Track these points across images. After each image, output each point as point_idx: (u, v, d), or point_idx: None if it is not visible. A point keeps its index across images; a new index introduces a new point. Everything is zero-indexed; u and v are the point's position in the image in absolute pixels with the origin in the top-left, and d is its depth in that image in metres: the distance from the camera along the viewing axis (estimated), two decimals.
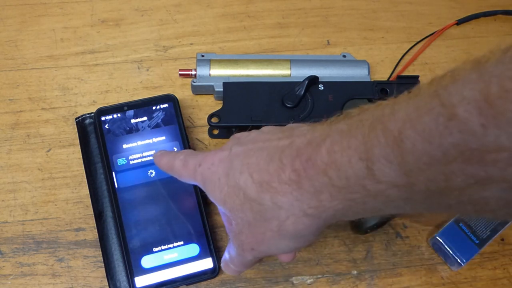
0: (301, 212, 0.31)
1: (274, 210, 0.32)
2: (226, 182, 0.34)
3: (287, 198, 0.31)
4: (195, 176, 0.37)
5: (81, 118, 0.52)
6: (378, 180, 0.27)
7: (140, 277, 0.44)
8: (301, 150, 0.31)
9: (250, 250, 0.35)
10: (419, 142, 0.24)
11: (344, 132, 0.29)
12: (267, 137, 0.35)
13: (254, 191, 0.32)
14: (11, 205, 0.50)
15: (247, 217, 0.34)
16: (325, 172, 0.29)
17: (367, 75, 0.56)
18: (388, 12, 0.63)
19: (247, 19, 0.62)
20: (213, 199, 0.36)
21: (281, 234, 0.33)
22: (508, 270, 0.49)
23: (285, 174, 0.31)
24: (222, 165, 0.35)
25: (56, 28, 0.60)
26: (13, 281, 0.47)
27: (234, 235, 0.36)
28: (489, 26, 0.63)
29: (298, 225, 0.32)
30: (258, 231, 0.34)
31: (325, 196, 0.30)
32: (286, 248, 0.34)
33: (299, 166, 0.30)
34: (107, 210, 0.48)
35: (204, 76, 0.55)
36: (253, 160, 0.33)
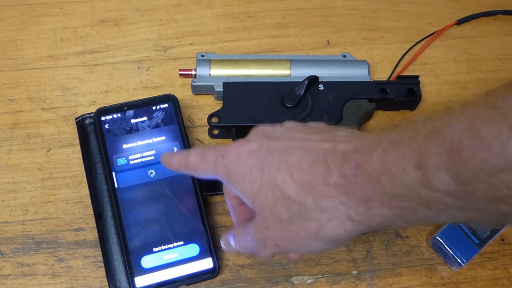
0: (346, 217, 0.32)
1: (315, 212, 0.32)
2: (259, 176, 0.34)
3: (332, 202, 0.32)
4: (217, 168, 0.37)
5: (81, 118, 0.52)
6: (434, 189, 0.27)
7: (140, 277, 0.44)
8: (348, 156, 0.31)
9: (273, 245, 0.36)
10: (480, 152, 0.25)
11: (397, 142, 0.29)
12: (301, 135, 0.35)
13: (294, 191, 0.33)
14: (11, 205, 0.50)
15: (279, 214, 0.34)
16: (378, 180, 0.29)
17: (367, 75, 0.56)
18: (388, 12, 0.63)
19: (247, 19, 0.62)
20: (240, 191, 0.36)
21: (318, 235, 0.33)
22: (508, 270, 0.49)
23: (331, 178, 0.31)
24: (252, 157, 0.35)
25: (56, 28, 0.60)
26: (13, 281, 0.47)
27: (257, 228, 0.36)
28: (489, 26, 0.63)
29: (339, 229, 0.32)
30: (290, 229, 0.34)
31: (375, 203, 0.30)
32: (316, 249, 0.35)
33: (348, 172, 0.31)
34: (107, 210, 0.48)
35: (204, 76, 0.55)
36: (292, 159, 0.33)
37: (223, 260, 0.48)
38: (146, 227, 0.46)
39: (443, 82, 0.59)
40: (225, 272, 0.48)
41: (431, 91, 0.58)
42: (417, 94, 0.54)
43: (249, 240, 0.38)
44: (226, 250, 0.41)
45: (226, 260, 0.48)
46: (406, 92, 0.54)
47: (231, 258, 0.48)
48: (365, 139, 0.32)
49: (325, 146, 0.33)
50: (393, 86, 0.54)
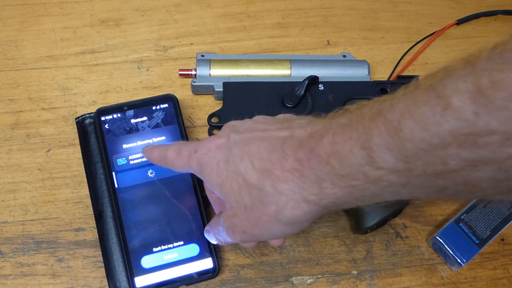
0: (302, 198, 0.33)
1: (274, 196, 0.34)
2: (225, 168, 0.36)
3: (288, 185, 0.33)
4: (190, 163, 0.39)
5: (81, 118, 0.52)
6: (378, 167, 0.29)
7: (140, 277, 0.44)
8: (303, 142, 0.33)
9: (241, 232, 0.37)
10: (417, 131, 0.27)
11: (346, 125, 0.31)
12: (264, 127, 0.37)
13: (255, 177, 0.35)
14: (11, 205, 0.50)
15: (243, 201, 0.36)
16: (328, 162, 0.31)
17: (367, 75, 0.56)
18: (388, 12, 0.63)
19: (247, 19, 0.62)
20: (209, 183, 0.38)
21: (278, 219, 0.35)
22: (508, 270, 0.49)
23: (287, 163, 0.33)
24: (220, 151, 0.37)
25: (56, 28, 0.60)
26: (13, 281, 0.47)
27: (226, 217, 0.38)
28: (489, 26, 0.63)
29: (296, 210, 0.34)
30: (253, 215, 0.36)
31: (327, 183, 0.32)
32: (279, 233, 0.36)
33: (302, 156, 0.33)
34: (107, 210, 0.48)
35: (204, 76, 0.55)
36: (253, 148, 0.36)
37: (223, 260, 0.48)
38: (146, 227, 0.46)
39: None
40: (225, 272, 0.48)
41: None
42: None
43: (221, 230, 0.40)
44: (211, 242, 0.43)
45: (226, 260, 0.48)
46: None
47: (231, 258, 0.48)
48: (319, 125, 0.34)
49: (283, 134, 0.35)
50: (393, 86, 0.55)
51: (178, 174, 0.48)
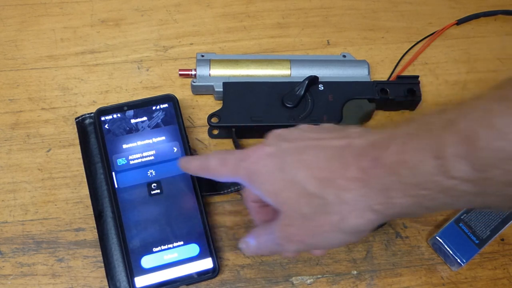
0: (366, 208, 0.33)
1: (336, 205, 0.34)
2: (280, 176, 0.36)
3: (352, 194, 0.33)
4: (238, 172, 0.39)
5: (81, 118, 0.52)
6: (451, 176, 0.29)
7: (140, 277, 0.44)
8: (365, 151, 0.33)
9: (298, 242, 0.37)
10: (495, 140, 0.27)
11: (413, 134, 0.32)
12: (316, 135, 0.37)
13: (315, 186, 0.34)
14: (11, 205, 0.50)
15: (302, 210, 0.35)
16: (395, 171, 0.31)
17: (367, 75, 0.56)
18: (388, 12, 0.63)
19: (247, 19, 0.62)
20: (261, 192, 0.37)
21: (340, 228, 0.34)
22: (508, 270, 0.49)
23: (350, 172, 0.33)
24: (271, 159, 0.37)
25: (56, 28, 0.60)
26: (13, 281, 0.47)
27: (281, 227, 0.37)
28: (489, 26, 0.63)
29: (360, 220, 0.34)
30: (313, 224, 0.35)
31: (394, 193, 0.32)
32: (337, 242, 0.36)
33: (366, 165, 0.33)
34: (107, 210, 0.48)
35: (204, 76, 0.55)
36: (309, 157, 0.35)
37: (223, 260, 0.48)
38: (146, 227, 0.46)
39: (443, 82, 0.59)
40: (225, 272, 0.48)
41: (431, 91, 0.58)
42: (417, 94, 0.54)
43: (271, 239, 0.39)
44: (247, 253, 0.42)
45: (226, 260, 0.48)
46: (406, 92, 0.54)
47: (231, 258, 0.48)
48: (380, 134, 0.34)
49: (340, 143, 0.35)
50: (393, 86, 0.54)
51: (178, 174, 0.48)
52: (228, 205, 0.51)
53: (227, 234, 0.49)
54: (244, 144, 0.54)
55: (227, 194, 0.51)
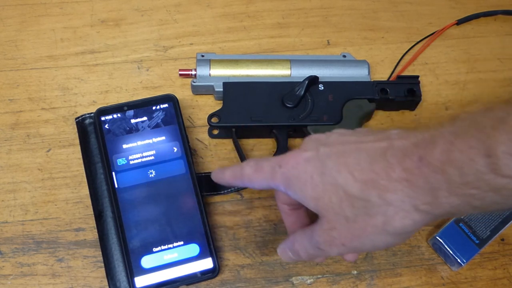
0: (412, 208, 0.33)
1: (381, 206, 0.34)
2: (321, 180, 0.36)
3: (397, 195, 0.33)
4: (275, 178, 0.39)
5: (81, 118, 0.52)
6: (503, 175, 0.29)
7: (140, 277, 0.44)
8: (409, 151, 0.33)
9: (339, 245, 0.36)
10: None
11: (460, 133, 0.31)
12: (354, 139, 0.37)
13: (357, 189, 0.34)
14: (11, 205, 0.50)
15: (345, 213, 0.35)
16: (443, 170, 0.31)
17: (367, 75, 0.56)
18: (388, 12, 0.63)
19: (247, 19, 0.62)
20: (301, 197, 0.37)
21: (385, 229, 0.34)
22: (508, 270, 0.49)
23: (394, 173, 0.33)
24: (311, 164, 0.37)
25: (56, 28, 0.60)
26: (13, 281, 0.47)
27: (323, 231, 0.37)
28: (489, 26, 0.63)
29: (406, 220, 0.33)
30: (356, 226, 0.35)
31: (442, 192, 0.32)
32: (382, 244, 0.36)
33: (411, 165, 0.32)
34: (107, 210, 0.48)
35: (204, 76, 0.55)
36: (350, 160, 0.35)
37: (223, 260, 0.48)
38: (146, 227, 0.46)
39: (443, 82, 0.59)
40: (225, 272, 0.48)
41: (431, 91, 0.58)
42: (417, 94, 0.54)
43: (311, 244, 0.39)
44: (286, 259, 0.42)
45: (226, 260, 0.48)
46: (406, 92, 0.54)
47: (231, 258, 0.48)
48: (423, 134, 0.33)
49: (381, 145, 0.35)
50: (393, 86, 0.54)
51: (178, 174, 0.48)
52: (228, 205, 0.51)
53: (227, 234, 0.49)
54: (244, 144, 0.54)
55: (227, 194, 0.51)
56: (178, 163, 0.48)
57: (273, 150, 0.53)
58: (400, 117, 0.56)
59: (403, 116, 0.56)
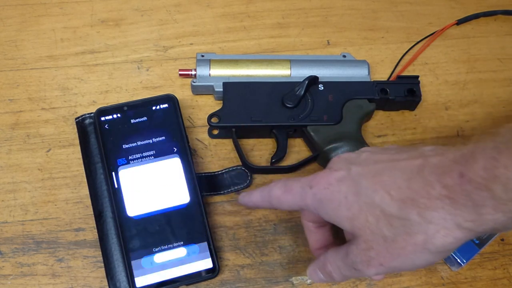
0: (455, 226, 0.32)
1: (421, 225, 0.33)
2: (356, 200, 0.36)
3: (438, 212, 0.32)
4: (305, 199, 0.38)
5: (81, 118, 0.52)
6: None
7: (140, 277, 0.44)
8: (447, 168, 0.32)
9: (377, 265, 0.36)
10: None
11: (502, 149, 0.30)
12: (387, 157, 0.37)
13: (396, 208, 0.34)
14: (11, 205, 0.50)
15: (382, 233, 0.35)
16: (488, 187, 0.30)
17: (367, 75, 0.56)
18: (388, 12, 0.63)
19: (247, 19, 0.62)
20: (334, 218, 0.37)
21: (426, 248, 0.34)
22: (508, 270, 0.49)
23: (434, 190, 0.32)
24: (344, 184, 0.37)
25: (56, 28, 0.60)
26: (13, 281, 0.47)
27: (359, 251, 0.37)
28: (489, 26, 0.63)
29: (448, 238, 0.33)
30: (396, 246, 0.34)
31: (486, 209, 0.31)
32: (422, 263, 0.35)
33: (451, 182, 0.32)
34: (107, 210, 0.48)
35: (204, 76, 0.55)
36: (385, 178, 0.35)
37: (223, 260, 0.48)
38: (146, 227, 0.46)
39: (443, 82, 0.59)
40: (225, 272, 0.48)
41: (431, 91, 0.58)
42: (417, 94, 0.54)
43: (346, 264, 0.38)
44: (315, 281, 0.42)
45: (226, 260, 0.48)
46: (406, 92, 0.54)
47: (231, 258, 0.48)
48: (461, 150, 0.33)
49: (416, 162, 0.34)
50: (393, 86, 0.54)
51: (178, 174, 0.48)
52: (228, 205, 0.51)
53: (227, 234, 0.49)
54: (244, 144, 0.54)
55: (227, 194, 0.51)
56: (178, 163, 0.48)
57: (273, 150, 0.53)
58: (400, 117, 0.56)
59: (403, 116, 0.56)
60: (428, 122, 0.56)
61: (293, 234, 0.50)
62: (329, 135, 0.51)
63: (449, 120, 0.56)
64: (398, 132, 0.55)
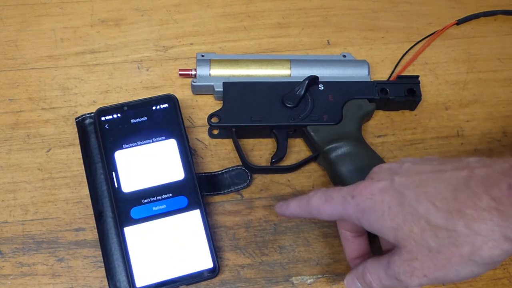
0: (503, 238, 0.32)
1: (468, 236, 0.33)
2: (400, 211, 0.35)
3: (486, 224, 0.32)
4: (347, 209, 0.38)
5: (81, 118, 0.52)
6: None
7: (140, 278, 0.44)
8: (495, 179, 0.32)
9: (421, 276, 0.36)
10: None
11: None
12: (431, 168, 0.36)
13: (442, 219, 0.34)
14: (11, 205, 0.50)
15: (428, 244, 0.35)
16: None
17: (367, 75, 0.56)
18: (388, 12, 0.63)
19: (247, 19, 0.62)
20: (377, 228, 0.37)
21: (472, 259, 0.33)
22: (508, 270, 0.49)
23: (482, 202, 0.32)
24: (388, 194, 0.36)
25: (56, 28, 0.60)
26: (13, 281, 0.47)
27: (402, 262, 0.36)
28: (489, 26, 0.63)
29: (495, 250, 0.33)
30: (441, 257, 0.34)
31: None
32: (468, 274, 0.35)
33: (500, 194, 0.32)
34: (107, 210, 0.48)
35: (204, 76, 0.55)
36: (430, 189, 0.35)
37: (223, 260, 0.48)
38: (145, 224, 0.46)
39: (443, 82, 0.59)
40: (225, 272, 0.48)
41: (431, 91, 0.58)
42: (417, 94, 0.54)
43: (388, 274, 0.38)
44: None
45: (226, 260, 0.48)
46: (406, 92, 0.54)
47: (231, 258, 0.48)
48: (510, 162, 0.33)
49: (462, 174, 0.34)
50: (393, 86, 0.54)
51: (182, 178, 0.48)
52: (228, 205, 0.51)
53: (227, 234, 0.49)
54: (244, 144, 0.54)
55: (227, 194, 0.51)
56: (178, 163, 0.48)
57: (273, 150, 0.53)
58: (400, 117, 0.56)
59: (403, 116, 0.56)
60: (428, 122, 0.56)
61: (293, 234, 0.50)
62: (329, 135, 0.51)
63: (449, 120, 0.56)
64: (398, 132, 0.55)
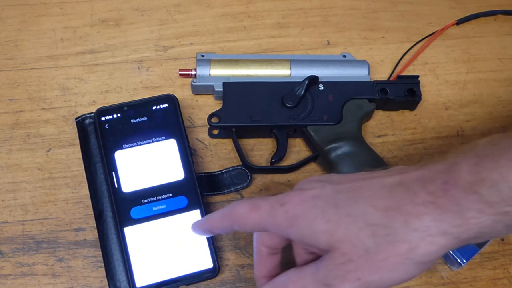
0: (439, 232, 0.32)
1: (406, 233, 0.32)
2: (335, 212, 0.34)
3: (422, 220, 0.32)
4: (275, 217, 0.36)
5: (81, 118, 0.52)
6: None
7: (140, 278, 0.44)
8: (431, 177, 0.32)
9: (354, 280, 0.34)
10: None
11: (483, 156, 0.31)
12: (362, 176, 0.36)
13: (379, 216, 0.33)
14: (11, 205, 0.50)
15: (364, 244, 0.33)
16: (474, 190, 0.31)
17: (367, 75, 0.56)
18: (388, 12, 0.63)
19: (247, 19, 0.62)
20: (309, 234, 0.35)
21: (408, 258, 0.33)
22: (508, 270, 0.49)
23: (418, 198, 0.32)
24: (320, 199, 0.35)
25: (56, 28, 0.60)
26: (13, 281, 0.47)
27: (333, 266, 0.34)
28: (489, 26, 0.63)
29: (432, 246, 0.32)
30: (378, 257, 0.33)
31: (472, 213, 0.31)
32: (403, 276, 0.34)
33: (435, 188, 0.32)
34: (107, 210, 0.48)
35: (204, 76, 0.55)
36: (366, 193, 0.34)
37: (223, 260, 0.48)
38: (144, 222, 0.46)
39: (443, 82, 0.59)
40: (225, 272, 0.48)
41: (431, 91, 0.58)
42: (417, 94, 0.54)
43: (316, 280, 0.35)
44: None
45: (226, 260, 0.48)
46: (406, 92, 0.54)
47: (231, 258, 0.48)
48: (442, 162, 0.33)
49: (397, 178, 0.34)
50: (393, 86, 0.54)
51: (182, 178, 0.48)
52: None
53: (227, 234, 0.49)
54: (244, 144, 0.54)
55: (227, 194, 0.51)
56: (178, 163, 0.48)
57: (273, 150, 0.53)
58: (400, 117, 0.56)
59: (403, 116, 0.56)
60: (428, 122, 0.56)
61: None
62: (329, 135, 0.51)
63: (449, 120, 0.56)
64: (398, 132, 0.55)
